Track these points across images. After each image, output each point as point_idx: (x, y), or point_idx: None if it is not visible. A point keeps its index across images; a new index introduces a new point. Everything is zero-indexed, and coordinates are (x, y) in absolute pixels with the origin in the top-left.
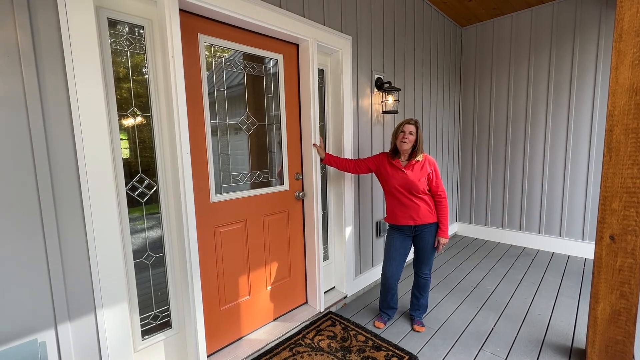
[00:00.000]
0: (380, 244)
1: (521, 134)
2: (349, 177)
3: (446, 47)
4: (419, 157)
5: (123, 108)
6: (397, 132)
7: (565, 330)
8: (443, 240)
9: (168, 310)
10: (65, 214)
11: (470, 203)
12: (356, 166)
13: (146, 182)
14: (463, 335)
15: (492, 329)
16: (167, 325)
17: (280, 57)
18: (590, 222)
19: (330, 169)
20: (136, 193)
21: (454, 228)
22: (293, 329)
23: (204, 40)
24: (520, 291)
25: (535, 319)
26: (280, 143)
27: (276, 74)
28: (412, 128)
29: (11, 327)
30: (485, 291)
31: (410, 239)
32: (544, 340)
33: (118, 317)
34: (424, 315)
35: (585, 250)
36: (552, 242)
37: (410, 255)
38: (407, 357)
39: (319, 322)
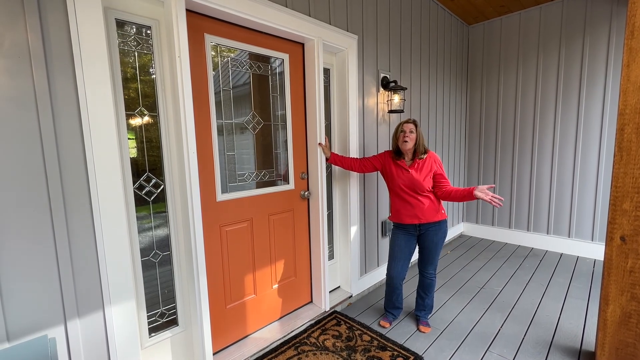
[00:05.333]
0: (385, 243)
1: (529, 132)
2: (354, 176)
3: (453, 46)
4: (423, 156)
5: (131, 108)
6: (397, 133)
7: (574, 332)
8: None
9: (175, 308)
10: (74, 212)
11: (477, 203)
12: (361, 165)
13: (153, 181)
14: (469, 336)
15: (499, 330)
16: (173, 323)
17: (285, 57)
18: (600, 223)
19: (336, 168)
20: (143, 192)
21: (460, 228)
22: (298, 327)
23: (210, 40)
24: (527, 292)
25: (543, 320)
26: (285, 142)
27: (282, 74)
28: (411, 126)
29: (22, 323)
30: (492, 292)
31: (415, 238)
32: (552, 341)
33: (126, 314)
34: (430, 315)
35: (595, 251)
36: (560, 242)
37: (415, 255)
38: (412, 358)
39: (324, 322)
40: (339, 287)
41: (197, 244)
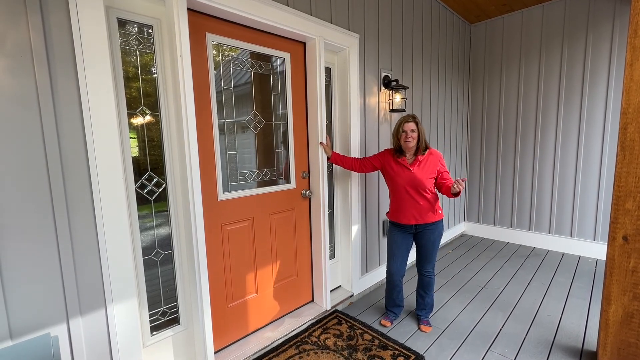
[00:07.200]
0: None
1: (531, 131)
2: (355, 175)
3: (455, 45)
4: (424, 152)
5: (132, 107)
6: (398, 132)
7: (576, 331)
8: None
9: (176, 306)
10: (76, 211)
11: (479, 202)
12: (362, 165)
13: (155, 180)
14: (471, 335)
15: (501, 329)
16: (175, 321)
17: (287, 56)
18: (602, 222)
19: (337, 168)
20: (145, 191)
21: (461, 227)
22: (299, 326)
23: (211, 39)
24: (529, 292)
25: (545, 320)
26: (287, 141)
27: (283, 73)
28: (412, 125)
29: (25, 322)
30: (494, 291)
31: (412, 236)
32: (553, 341)
33: (127, 312)
34: (431, 314)
35: (597, 250)
36: (562, 242)
37: (413, 256)
38: (413, 357)
39: (325, 321)
40: (340, 286)
41: (199, 242)
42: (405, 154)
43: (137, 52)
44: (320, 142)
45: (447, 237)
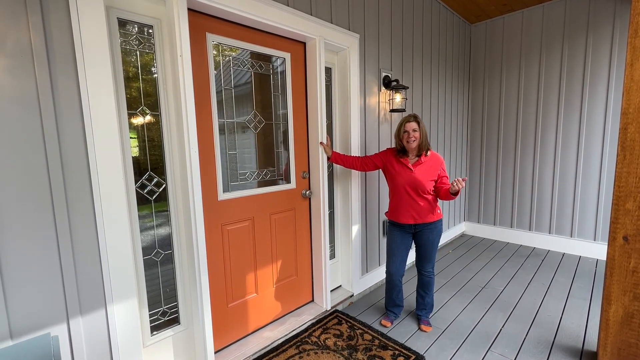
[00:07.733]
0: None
1: (531, 131)
2: (355, 175)
3: (455, 45)
4: (427, 153)
5: (132, 107)
6: (400, 132)
7: (576, 332)
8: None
9: (176, 306)
10: (77, 211)
11: (479, 202)
12: (363, 164)
13: (155, 180)
14: (471, 335)
15: (501, 329)
16: (175, 321)
17: (287, 56)
18: (602, 223)
19: (337, 168)
20: (145, 191)
21: (461, 227)
22: (299, 326)
23: (212, 39)
24: (529, 292)
25: (545, 320)
26: (287, 141)
27: (283, 73)
28: (414, 125)
29: (25, 321)
30: (494, 291)
31: (411, 235)
32: (554, 341)
33: (128, 312)
34: (431, 314)
35: (597, 251)
36: (562, 242)
37: (413, 256)
38: (413, 357)
39: (325, 320)
40: (340, 286)
41: (199, 242)
42: (408, 155)
43: (138, 52)
44: (321, 142)
45: (447, 237)
